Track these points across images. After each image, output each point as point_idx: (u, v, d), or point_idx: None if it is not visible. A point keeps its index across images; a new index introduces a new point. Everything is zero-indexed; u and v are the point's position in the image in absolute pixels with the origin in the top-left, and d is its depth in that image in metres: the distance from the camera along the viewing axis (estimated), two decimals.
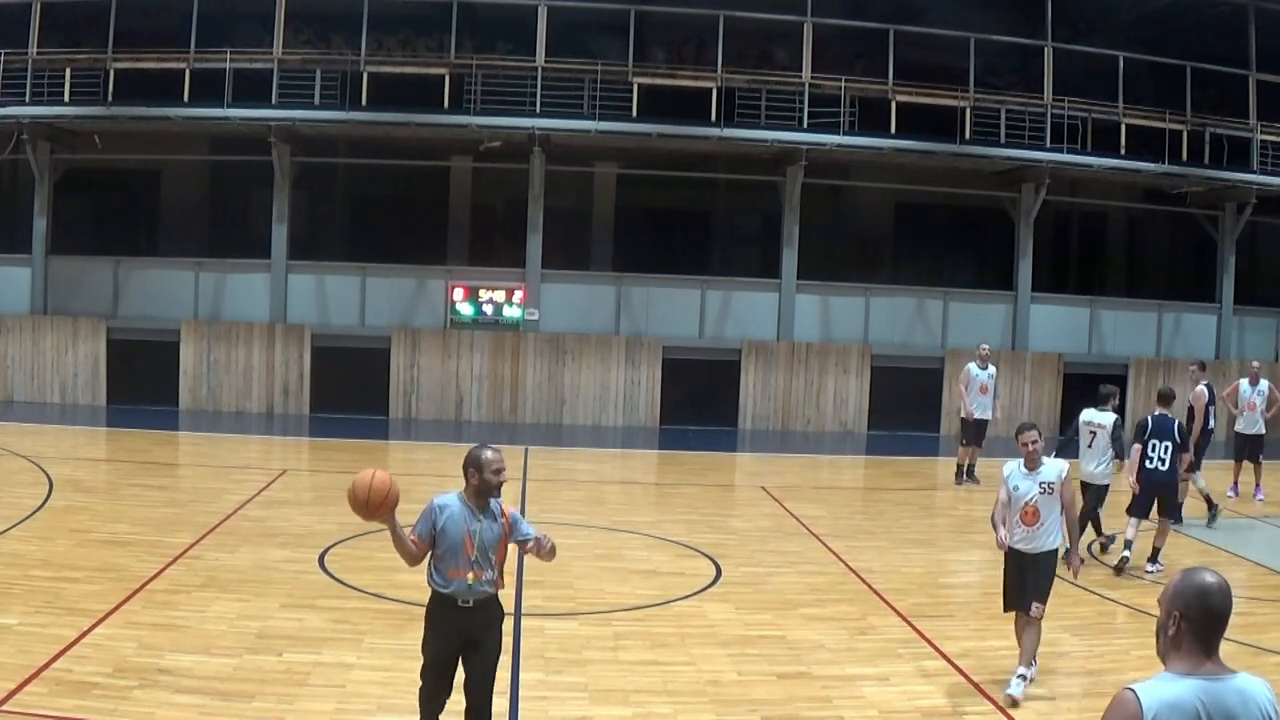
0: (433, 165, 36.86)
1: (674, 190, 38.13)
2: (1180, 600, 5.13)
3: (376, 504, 9.35)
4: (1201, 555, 19.94)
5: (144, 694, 11.14)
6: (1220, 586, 5.13)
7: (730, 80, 33.62)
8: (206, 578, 15.52)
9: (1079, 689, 12.81)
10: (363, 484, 9.39)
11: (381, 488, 9.39)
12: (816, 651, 13.68)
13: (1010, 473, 13.28)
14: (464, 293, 34.61)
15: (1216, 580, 5.15)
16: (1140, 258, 43.09)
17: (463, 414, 34.36)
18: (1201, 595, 5.11)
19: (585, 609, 15.06)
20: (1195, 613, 5.09)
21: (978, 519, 22.58)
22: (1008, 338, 36.92)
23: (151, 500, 21.01)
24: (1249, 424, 26.33)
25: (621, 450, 31.88)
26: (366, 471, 9.50)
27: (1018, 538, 12.82)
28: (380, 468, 9.50)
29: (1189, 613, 5.10)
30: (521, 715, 11.33)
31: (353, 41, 33.57)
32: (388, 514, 9.41)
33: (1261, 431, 26.36)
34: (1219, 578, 5.16)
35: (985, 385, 26.63)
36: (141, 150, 35.14)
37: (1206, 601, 5.09)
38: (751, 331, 35.74)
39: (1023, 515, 12.86)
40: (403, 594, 14.44)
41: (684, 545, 19.03)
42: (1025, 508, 12.86)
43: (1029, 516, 12.83)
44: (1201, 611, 5.08)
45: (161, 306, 34.38)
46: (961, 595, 16.99)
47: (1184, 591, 5.14)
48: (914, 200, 38.51)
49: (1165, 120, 35.33)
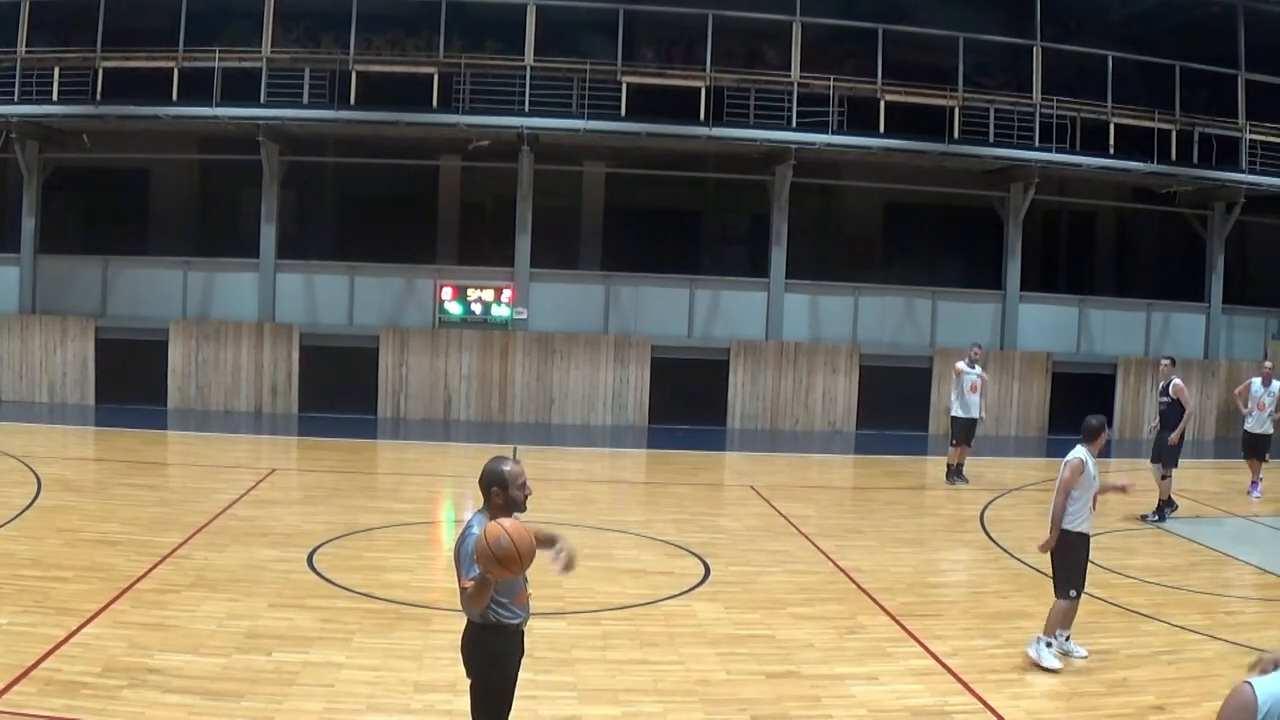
0: (421, 164, 36.85)
1: (663, 189, 38.14)
2: None
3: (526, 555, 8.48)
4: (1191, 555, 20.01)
5: (133, 694, 11.16)
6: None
7: (719, 79, 33.61)
8: (195, 577, 15.53)
9: (1068, 688, 12.79)
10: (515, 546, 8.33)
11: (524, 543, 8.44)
12: (805, 651, 13.71)
13: (1088, 461, 13.75)
14: (452, 292, 34.58)
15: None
16: (1129, 257, 43.11)
17: (451, 413, 34.34)
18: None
19: (574, 608, 15.04)
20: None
21: (967, 518, 22.71)
22: (996, 337, 36.96)
23: (140, 500, 20.99)
24: (1258, 423, 26.45)
25: (610, 449, 31.85)
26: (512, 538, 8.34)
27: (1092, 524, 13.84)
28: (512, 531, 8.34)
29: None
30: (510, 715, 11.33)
31: (341, 40, 33.55)
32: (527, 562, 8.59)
33: (1269, 431, 26.51)
34: None
35: (975, 384, 26.61)
36: (130, 149, 35.08)
37: None
38: (740, 331, 35.74)
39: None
40: (392, 593, 14.45)
41: (673, 544, 19.05)
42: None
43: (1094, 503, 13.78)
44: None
45: (150, 306, 34.35)
46: (950, 594, 17.01)
47: None
48: (903, 200, 38.54)
49: (1154, 120, 35.39)
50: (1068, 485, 13.56)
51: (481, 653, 9.23)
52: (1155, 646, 14.46)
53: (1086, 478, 13.60)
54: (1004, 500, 25.04)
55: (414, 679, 12.12)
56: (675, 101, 33.47)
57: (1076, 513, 13.61)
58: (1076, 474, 13.55)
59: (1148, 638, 14.84)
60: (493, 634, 9.16)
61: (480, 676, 9.31)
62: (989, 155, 34.94)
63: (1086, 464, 13.64)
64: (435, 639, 13.41)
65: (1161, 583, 17.82)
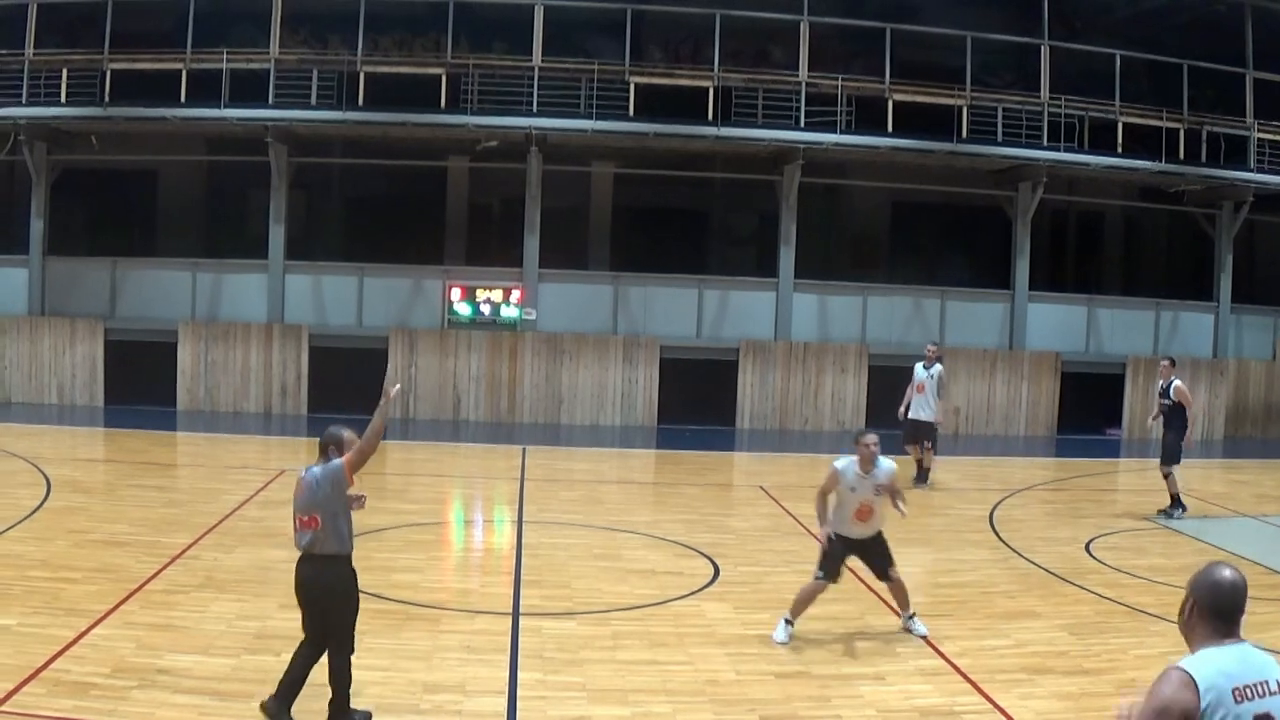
0: (429, 165, 36.88)
1: (671, 189, 38.11)
2: (1196, 589, 6.01)
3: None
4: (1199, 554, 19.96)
5: (142, 694, 11.15)
6: (1231, 580, 5.97)
7: (727, 79, 33.63)
8: (204, 578, 15.55)
9: (1076, 688, 12.79)
10: None
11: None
12: (814, 650, 13.70)
13: (845, 471, 14.16)
14: (461, 293, 34.60)
15: (1230, 575, 5.99)
16: (1137, 256, 43.13)
17: (460, 414, 34.35)
18: (1213, 587, 5.96)
19: (583, 609, 15.06)
20: (1206, 601, 5.93)
21: (975, 518, 22.67)
22: (1005, 337, 36.95)
23: (149, 501, 21.01)
24: None
25: (619, 450, 31.87)
26: None
27: (856, 532, 14.21)
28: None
29: (1201, 600, 5.96)
30: (520, 715, 11.33)
31: (349, 42, 33.54)
32: None
33: None
34: (1234, 573, 6.00)
35: (922, 385, 26.27)
36: (138, 151, 35.11)
37: (1216, 591, 5.92)
38: (749, 331, 35.75)
39: (858, 513, 14.14)
40: (400, 594, 14.45)
41: (682, 545, 19.04)
42: (860, 507, 14.12)
43: (864, 514, 14.18)
44: (1211, 600, 5.92)
45: (159, 307, 34.37)
46: (959, 595, 16.96)
47: (1200, 582, 6.01)
48: (911, 199, 38.52)
49: (1162, 119, 35.38)
50: (823, 489, 14.27)
51: (351, 581, 10.96)
52: (1164, 647, 14.40)
53: (843, 487, 14.16)
54: (1013, 500, 25.01)
55: (423, 679, 12.10)
56: (683, 101, 33.47)
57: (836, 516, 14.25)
58: (832, 481, 14.21)
59: (1156, 638, 14.80)
60: (349, 562, 10.92)
61: (348, 605, 10.95)
62: (997, 154, 34.92)
63: (842, 473, 14.14)
64: (444, 639, 13.42)
65: (1170, 583, 17.77)
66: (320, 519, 10.60)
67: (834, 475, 14.19)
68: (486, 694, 11.79)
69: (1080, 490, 24.79)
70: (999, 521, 22.43)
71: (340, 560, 10.78)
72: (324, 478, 10.66)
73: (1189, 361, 37.47)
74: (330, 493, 10.62)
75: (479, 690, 11.87)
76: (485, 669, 12.51)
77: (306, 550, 10.73)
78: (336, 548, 10.69)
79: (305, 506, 10.67)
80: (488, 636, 13.68)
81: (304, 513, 10.67)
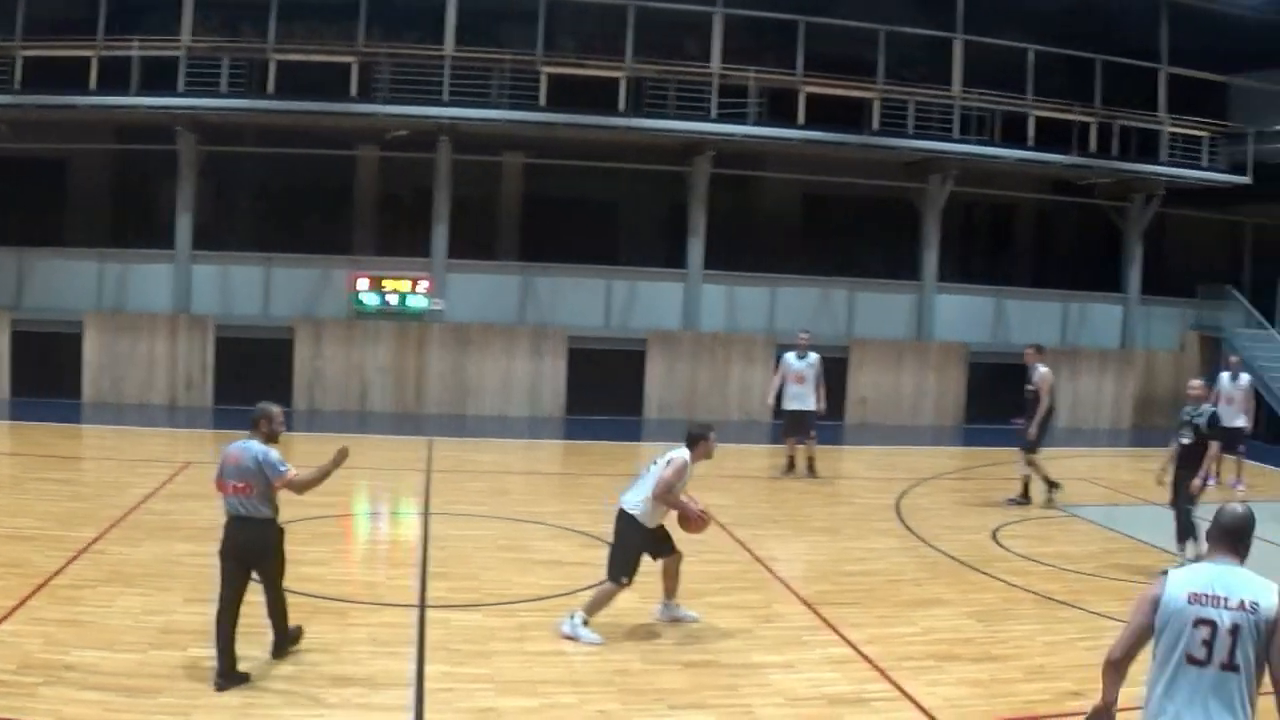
0: (339, 154, 36.68)
1: (581, 180, 37.96)
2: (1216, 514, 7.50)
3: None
4: (1107, 541, 20.13)
5: (50, 691, 11.09)
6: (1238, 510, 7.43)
7: (639, 70, 33.64)
8: (111, 572, 15.45)
9: (984, 675, 12.89)
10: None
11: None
12: (723, 640, 13.79)
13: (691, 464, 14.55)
14: (368, 282, 34.38)
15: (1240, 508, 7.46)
16: (1048, 248, 43.48)
17: (367, 405, 34.21)
18: (1225, 512, 7.44)
19: (490, 600, 15.10)
20: (1217, 522, 7.43)
21: (882, 507, 22.86)
22: (914, 328, 37.17)
23: (55, 494, 20.84)
24: (1228, 417, 26.67)
25: (527, 441, 31.76)
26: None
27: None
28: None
29: (1215, 522, 7.44)
30: (427, 707, 11.31)
31: (260, 29, 33.30)
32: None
33: (1241, 424, 26.77)
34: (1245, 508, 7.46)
35: (801, 375, 26.19)
36: (47, 139, 34.69)
37: (1226, 515, 7.41)
38: (657, 321, 35.79)
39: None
40: (307, 587, 14.38)
41: (589, 535, 19.02)
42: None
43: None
44: (1220, 522, 7.41)
45: (65, 297, 33.92)
46: (865, 583, 17.05)
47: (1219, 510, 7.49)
48: (821, 191, 38.70)
49: (1074, 112, 35.72)
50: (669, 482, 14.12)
51: (281, 538, 12.33)
52: (1072, 633, 14.58)
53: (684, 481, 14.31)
54: (920, 489, 25.19)
55: (330, 672, 12.07)
56: (595, 92, 33.39)
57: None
58: (679, 474, 14.25)
59: (1064, 624, 14.97)
60: (276, 523, 12.29)
61: (279, 556, 12.36)
62: (908, 147, 35.19)
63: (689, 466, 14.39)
64: (351, 632, 13.40)
65: (1078, 570, 17.97)
66: (253, 486, 11.85)
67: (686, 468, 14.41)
68: (394, 686, 11.80)
69: (987, 479, 24.97)
70: (906, 510, 22.60)
71: (271, 523, 12.12)
72: (260, 463, 11.86)
73: (1097, 352, 37.84)
74: (260, 473, 11.86)
75: (386, 683, 11.86)
76: (392, 661, 12.51)
77: (237, 514, 11.99)
78: (269, 512, 12.04)
79: (238, 475, 11.88)
80: (394, 629, 13.67)
81: (237, 480, 11.88)
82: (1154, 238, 39.92)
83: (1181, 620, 7.01)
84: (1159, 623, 7.16)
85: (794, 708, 11.83)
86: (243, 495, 11.90)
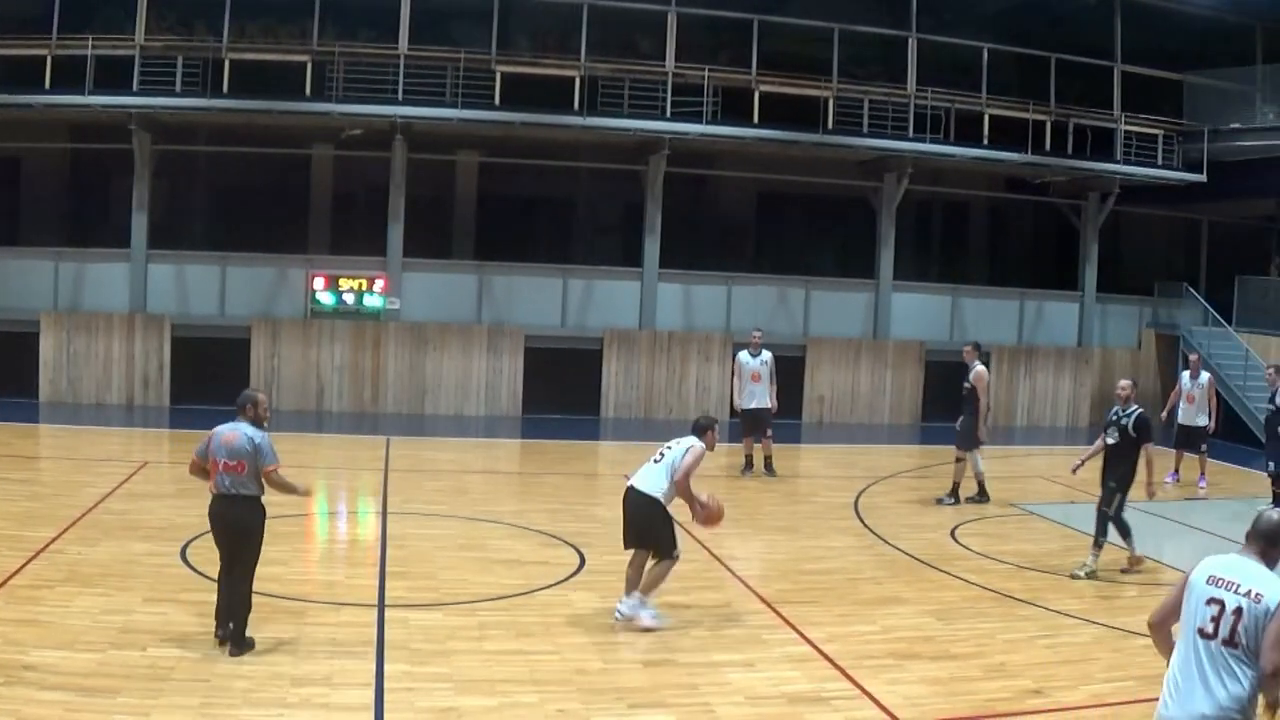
0: (294, 153, 36.54)
1: (536, 179, 37.99)
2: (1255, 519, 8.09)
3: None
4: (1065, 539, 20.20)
5: (8, 691, 11.05)
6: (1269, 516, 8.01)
7: (594, 69, 33.60)
8: (69, 572, 15.39)
9: (944, 673, 12.92)
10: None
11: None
12: (682, 639, 13.81)
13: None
14: (325, 282, 34.27)
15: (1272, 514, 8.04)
16: (1003, 246, 43.72)
17: (324, 404, 34.13)
18: (1257, 518, 8.03)
19: (449, 599, 15.08)
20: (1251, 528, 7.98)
21: (840, 506, 22.90)
22: (869, 326, 37.25)
23: (12, 494, 20.73)
24: (1189, 416, 26.85)
25: (484, 440, 31.73)
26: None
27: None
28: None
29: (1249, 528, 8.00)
30: (387, 707, 11.30)
31: (215, 28, 33.14)
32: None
33: (1203, 424, 26.93)
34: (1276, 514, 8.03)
35: (757, 373, 26.27)
36: (1, 138, 34.54)
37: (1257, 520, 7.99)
38: (614, 320, 35.77)
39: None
40: (266, 587, 14.29)
41: (547, 534, 19.10)
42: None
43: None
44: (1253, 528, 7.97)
45: (20, 297, 33.70)
46: (825, 581, 17.08)
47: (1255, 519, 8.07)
48: (777, 189, 38.77)
49: (1029, 111, 35.81)
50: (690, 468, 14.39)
51: (263, 520, 12.96)
52: (1032, 631, 14.64)
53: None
54: (877, 488, 25.25)
55: (290, 672, 12.03)
56: (550, 91, 33.34)
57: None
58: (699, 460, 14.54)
59: (1024, 622, 15.03)
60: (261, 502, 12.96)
61: (259, 539, 12.94)
62: (863, 146, 35.24)
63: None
64: (310, 632, 13.37)
65: (1036, 568, 18.04)
66: (245, 465, 12.62)
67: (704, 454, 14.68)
68: (354, 686, 11.77)
69: (945, 477, 24.95)
70: (864, 509, 22.66)
71: (257, 500, 12.85)
72: (256, 445, 12.73)
73: (1054, 350, 37.98)
74: (253, 454, 12.69)
75: (346, 683, 11.84)
76: (352, 661, 12.48)
77: (227, 491, 12.72)
78: (256, 490, 12.78)
79: (230, 453, 12.66)
80: (354, 629, 13.64)
81: (229, 458, 12.64)
82: (1110, 236, 40.15)
83: (1198, 597, 7.86)
84: (1185, 598, 7.98)
85: (754, 706, 11.84)
86: (234, 473, 12.63)
